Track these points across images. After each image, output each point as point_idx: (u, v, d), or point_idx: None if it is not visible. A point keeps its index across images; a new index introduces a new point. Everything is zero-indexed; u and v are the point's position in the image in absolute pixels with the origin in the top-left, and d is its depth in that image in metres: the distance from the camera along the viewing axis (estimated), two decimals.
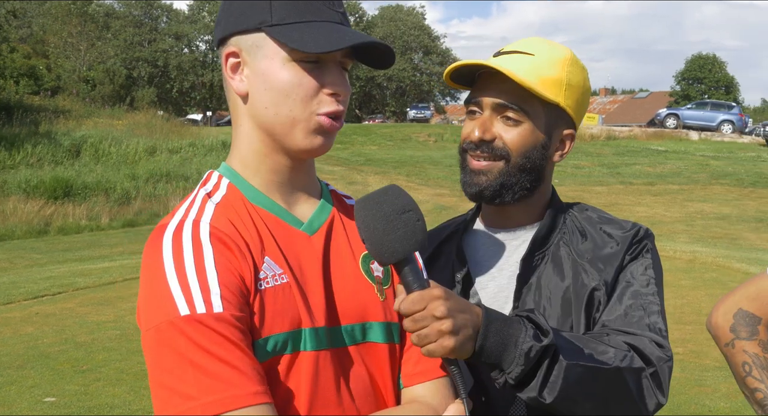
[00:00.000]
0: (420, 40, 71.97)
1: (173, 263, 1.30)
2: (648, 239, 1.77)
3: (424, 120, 55.29)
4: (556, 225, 1.79)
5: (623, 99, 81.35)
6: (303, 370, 1.35)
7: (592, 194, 26.34)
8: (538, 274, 1.73)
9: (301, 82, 1.38)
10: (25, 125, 30.51)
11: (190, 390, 1.21)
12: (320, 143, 1.43)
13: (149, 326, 1.28)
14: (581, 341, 1.52)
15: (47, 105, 35.79)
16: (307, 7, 1.40)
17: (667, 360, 1.57)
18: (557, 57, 1.75)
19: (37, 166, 25.63)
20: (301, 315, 1.36)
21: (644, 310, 1.64)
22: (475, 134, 1.72)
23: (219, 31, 1.47)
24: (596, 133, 41.03)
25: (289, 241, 1.43)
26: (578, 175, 29.93)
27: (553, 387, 1.42)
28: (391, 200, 1.39)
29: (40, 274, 13.15)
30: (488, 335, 1.39)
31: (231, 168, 1.49)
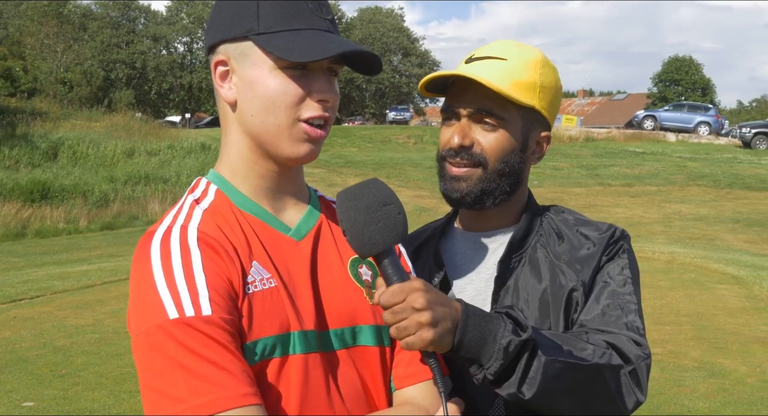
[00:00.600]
0: (399, 41, 72.11)
1: (162, 268, 1.30)
2: (624, 240, 1.78)
3: (403, 122, 55.42)
4: (533, 228, 1.80)
5: (601, 101, 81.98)
6: (293, 373, 1.35)
7: (571, 195, 26.48)
8: (515, 276, 1.74)
9: (287, 89, 1.39)
10: (2, 127, 30.27)
11: (180, 393, 1.21)
12: (306, 151, 1.44)
13: (139, 331, 1.28)
14: (560, 338, 1.53)
15: (24, 107, 35.50)
16: (294, 15, 1.40)
17: (645, 358, 1.58)
18: (529, 60, 1.76)
19: (14, 168, 25.43)
20: (290, 319, 1.37)
21: (622, 309, 1.65)
22: (454, 141, 1.72)
23: (208, 38, 1.47)
24: (574, 134, 41.31)
25: (276, 246, 1.44)
26: (557, 176, 30.09)
27: (532, 383, 1.43)
28: (372, 193, 1.40)
29: (17, 277, 13.03)
30: (467, 329, 1.40)
31: (219, 175, 1.50)
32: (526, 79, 1.73)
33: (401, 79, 72.21)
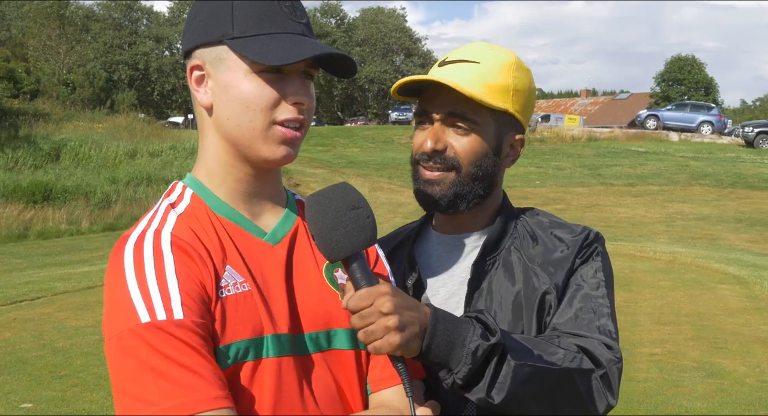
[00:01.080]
0: (401, 42, 72.14)
1: (134, 272, 1.31)
2: (598, 243, 1.77)
3: (406, 122, 55.29)
4: (507, 230, 1.80)
5: (604, 101, 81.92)
6: (266, 377, 1.35)
7: (574, 195, 26.48)
8: (489, 279, 1.74)
9: (262, 93, 1.39)
10: (4, 128, 30.32)
11: (151, 396, 1.22)
12: (283, 153, 1.44)
13: (111, 335, 1.29)
14: (531, 342, 1.53)
15: (27, 108, 35.56)
16: (268, 20, 1.41)
17: (616, 362, 1.58)
18: (502, 63, 1.75)
19: (17, 170, 25.46)
20: (264, 323, 1.37)
21: (594, 313, 1.65)
22: (427, 145, 1.72)
23: (185, 43, 1.48)
24: (577, 134, 41.29)
25: (251, 251, 1.44)
26: (559, 176, 30.08)
27: (502, 388, 1.43)
28: (340, 197, 1.40)
29: (19, 279, 13.05)
30: (435, 334, 1.39)
31: (196, 179, 1.51)
32: (500, 83, 1.73)
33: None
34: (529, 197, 26.03)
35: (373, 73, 69.97)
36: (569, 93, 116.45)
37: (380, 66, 70.29)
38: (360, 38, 73.07)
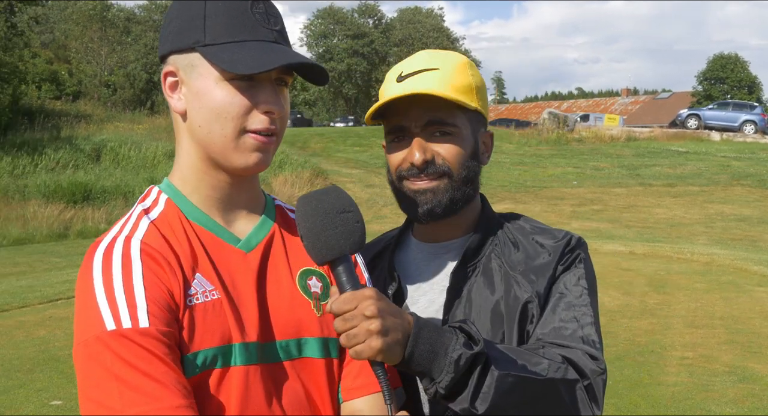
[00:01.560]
0: (439, 42, 71.90)
1: (102, 280, 1.32)
2: (580, 249, 1.75)
3: None
4: (487, 237, 1.79)
5: (645, 100, 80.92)
6: (233, 385, 1.36)
7: (611, 195, 26.20)
8: (468, 287, 1.72)
9: (233, 101, 1.40)
10: (47, 129, 30.89)
11: (114, 404, 1.23)
12: (255, 160, 1.44)
13: (79, 341, 1.30)
14: (515, 352, 1.51)
15: (69, 110, 36.21)
16: (241, 27, 1.41)
17: (600, 373, 1.56)
18: (458, 64, 1.76)
19: (58, 170, 25.90)
20: (232, 331, 1.38)
21: (578, 322, 1.63)
22: (415, 158, 1.70)
23: (160, 48, 1.49)
24: (616, 134, 40.74)
25: (223, 258, 1.45)
26: (597, 176, 29.76)
27: (485, 398, 1.41)
28: (331, 199, 1.41)
29: (57, 278, 13.27)
30: (418, 342, 1.38)
31: (171, 184, 1.51)
32: (463, 83, 1.73)
33: None
34: (565, 198, 25.83)
35: None
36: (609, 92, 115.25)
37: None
38: (397, 39, 73.02)
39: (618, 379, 7.11)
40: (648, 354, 8.14)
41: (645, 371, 7.46)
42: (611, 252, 16.42)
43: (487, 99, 1.85)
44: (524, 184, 28.64)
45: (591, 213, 23.47)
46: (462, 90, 1.72)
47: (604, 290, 11.87)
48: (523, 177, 30.07)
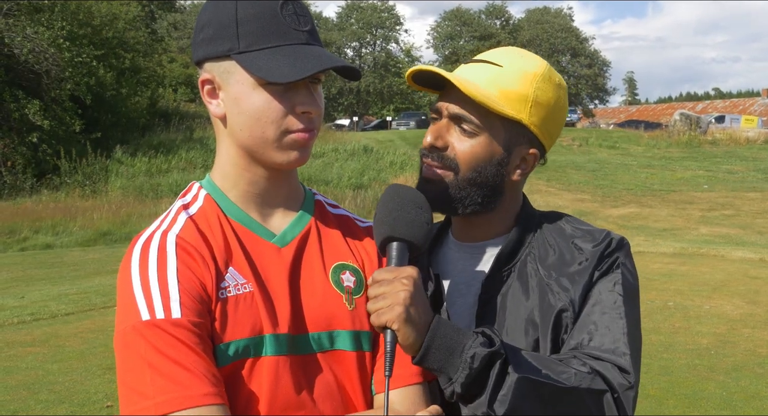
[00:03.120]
0: (567, 42, 70.68)
1: (139, 272, 1.40)
2: (619, 252, 1.66)
3: (570, 124, 54.19)
4: (524, 239, 1.72)
5: None
6: (264, 374, 1.41)
7: (745, 200, 25.02)
8: (503, 293, 1.67)
9: (271, 106, 1.44)
10: (181, 131, 32.29)
11: (146, 389, 1.29)
12: (296, 157, 1.50)
13: (118, 329, 1.38)
14: (539, 360, 1.47)
15: (202, 112, 37.65)
16: (272, 32, 1.45)
17: (629, 387, 1.50)
18: (527, 71, 1.66)
19: (188, 170, 27.05)
20: (263, 322, 1.43)
21: (610, 331, 1.56)
22: (427, 140, 1.68)
23: (194, 55, 1.55)
24: (753, 136, 38.89)
25: (258, 253, 1.50)
26: (730, 180, 28.51)
27: (504, 401, 1.38)
28: (415, 194, 1.54)
29: None
30: (436, 336, 1.39)
31: (212, 181, 1.58)
32: (518, 90, 1.64)
33: (569, 80, 70.65)
34: (694, 202, 24.87)
35: None
36: (749, 92, 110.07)
37: None
38: (525, 39, 72.21)
39: (733, 390, 6.82)
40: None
41: (764, 383, 7.10)
42: (740, 259, 15.73)
43: (555, 119, 1.72)
44: (651, 187, 27.76)
45: (721, 218, 22.48)
46: (511, 96, 1.64)
47: (728, 298, 11.39)
48: (651, 180, 29.15)
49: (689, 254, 16.64)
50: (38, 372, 7.37)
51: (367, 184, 26.90)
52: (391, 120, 52.94)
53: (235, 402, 1.38)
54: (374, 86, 65.94)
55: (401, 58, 73.99)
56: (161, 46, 41.54)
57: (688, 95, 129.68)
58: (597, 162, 33.31)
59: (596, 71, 71.51)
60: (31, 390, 6.80)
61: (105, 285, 12.41)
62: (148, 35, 37.79)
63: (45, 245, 18.62)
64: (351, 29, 68.99)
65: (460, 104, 1.64)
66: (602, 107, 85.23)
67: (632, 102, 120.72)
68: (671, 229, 21.05)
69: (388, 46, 73.82)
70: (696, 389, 6.89)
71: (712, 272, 14.05)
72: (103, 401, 6.48)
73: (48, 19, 27.26)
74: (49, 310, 10.39)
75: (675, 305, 10.88)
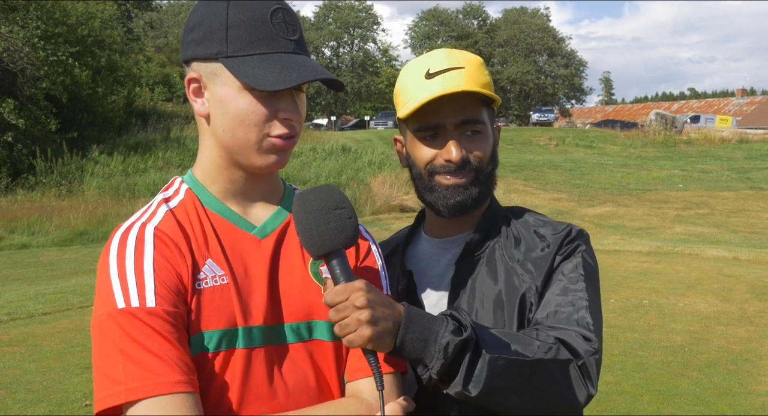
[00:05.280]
0: (544, 42, 70.98)
1: (116, 262, 1.44)
2: (580, 239, 1.80)
3: (547, 124, 54.45)
4: (492, 229, 1.84)
5: (761, 100, 77.74)
6: (236, 366, 1.46)
7: (719, 199, 25.32)
8: (473, 277, 1.79)
9: (255, 109, 1.49)
10: (159, 130, 32.11)
11: (118, 376, 1.33)
12: (274, 161, 1.54)
13: (94, 316, 1.42)
14: (508, 336, 1.56)
15: (179, 111, 37.51)
16: (261, 39, 1.49)
17: (593, 353, 1.60)
18: (477, 63, 1.83)
19: (165, 169, 26.94)
20: (237, 315, 1.47)
21: (573, 306, 1.67)
22: (454, 155, 1.76)
23: (183, 52, 1.58)
24: (727, 136, 39.32)
25: (236, 244, 1.55)
26: (704, 179, 28.83)
27: (478, 381, 1.46)
28: (323, 197, 1.49)
29: None
30: (408, 330, 1.45)
31: (193, 176, 1.62)
32: (485, 80, 1.81)
33: (546, 80, 71.04)
34: (670, 201, 25.12)
35: (515, 74, 69.28)
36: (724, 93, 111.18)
37: (522, 67, 69.51)
38: (502, 39, 72.51)
39: (707, 387, 6.93)
40: (741, 362, 7.87)
41: (736, 380, 7.22)
42: (714, 258, 15.92)
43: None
44: (627, 186, 28.00)
45: (696, 217, 22.74)
46: (486, 87, 1.80)
47: (702, 296, 11.54)
48: (626, 179, 29.40)
49: (664, 252, 16.82)
50: (16, 372, 7.35)
51: (345, 183, 26.92)
52: (369, 119, 52.95)
53: (207, 392, 1.42)
54: (352, 86, 65.91)
55: (379, 58, 74.08)
56: (138, 46, 41.27)
57: (663, 95, 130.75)
58: (574, 162, 33.54)
59: (573, 71, 71.89)
60: (9, 389, 6.79)
61: (82, 285, 12.37)
62: (124, 34, 37.51)
63: (21, 245, 18.47)
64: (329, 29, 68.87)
65: (463, 111, 1.77)
66: (579, 107, 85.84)
67: (608, 102, 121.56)
68: (647, 228, 21.25)
69: (365, 45, 73.88)
70: (670, 385, 7.00)
71: (687, 270, 14.21)
72: (82, 400, 6.48)
73: (23, 18, 27.03)
74: (26, 310, 10.34)
75: (650, 303, 11.01)
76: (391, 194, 24.68)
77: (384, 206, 24.24)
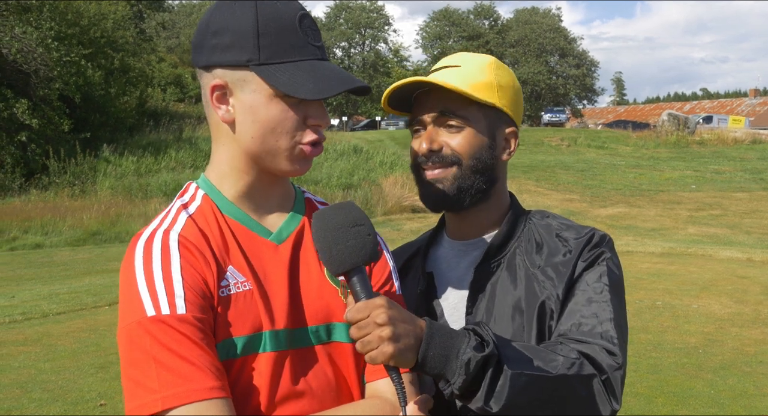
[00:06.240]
0: (556, 42, 70.81)
1: (143, 269, 1.43)
2: (604, 246, 1.76)
3: (558, 124, 54.30)
4: (513, 233, 1.82)
5: None
6: (262, 371, 1.46)
7: (732, 200, 25.19)
8: (492, 282, 1.76)
9: (287, 116, 1.48)
10: (171, 131, 32.21)
11: (152, 384, 1.32)
12: (303, 168, 1.55)
13: (122, 325, 1.41)
14: (530, 350, 1.54)
15: (191, 112, 37.61)
16: (292, 46, 1.49)
17: (617, 368, 1.58)
18: (482, 63, 1.83)
19: (178, 170, 27.00)
20: (262, 319, 1.47)
21: (597, 318, 1.65)
22: (423, 147, 1.78)
23: (202, 56, 1.54)
24: (740, 136, 39.10)
25: (256, 250, 1.55)
26: (718, 180, 28.68)
27: (499, 397, 1.45)
28: (343, 214, 1.47)
29: None
30: (430, 346, 1.44)
31: (208, 180, 1.61)
32: (483, 80, 1.80)
33: (557, 80, 70.86)
34: (682, 202, 25.01)
35: (526, 74, 69.13)
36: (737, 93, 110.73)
37: (534, 67, 69.38)
38: (513, 39, 72.40)
39: (721, 389, 6.90)
40: (756, 364, 7.83)
41: (751, 382, 7.19)
42: (727, 259, 15.84)
43: (518, 98, 1.89)
44: (639, 187, 27.90)
45: (709, 218, 22.63)
46: (480, 86, 1.78)
47: (716, 297, 11.48)
48: (639, 180, 29.30)
49: (677, 253, 16.75)
50: (31, 371, 7.39)
51: (356, 184, 26.92)
52: (381, 120, 52.94)
53: (235, 396, 1.42)
54: None
55: (390, 58, 74.04)
56: (150, 46, 41.40)
57: (676, 95, 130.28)
58: (585, 162, 33.45)
59: (584, 71, 71.70)
60: (24, 388, 6.83)
61: (95, 285, 12.43)
62: (136, 35, 37.65)
63: (34, 245, 18.57)
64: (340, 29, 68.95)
65: (441, 104, 1.78)
66: (590, 107, 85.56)
67: (620, 102, 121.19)
68: (659, 229, 21.16)
69: (377, 46, 73.91)
70: (684, 387, 6.97)
71: (700, 271, 14.15)
72: (96, 400, 6.51)
73: (36, 19, 27.16)
74: (41, 309, 10.40)
75: (663, 304, 10.97)
76: (402, 195, 24.64)
77: (395, 206, 24.21)
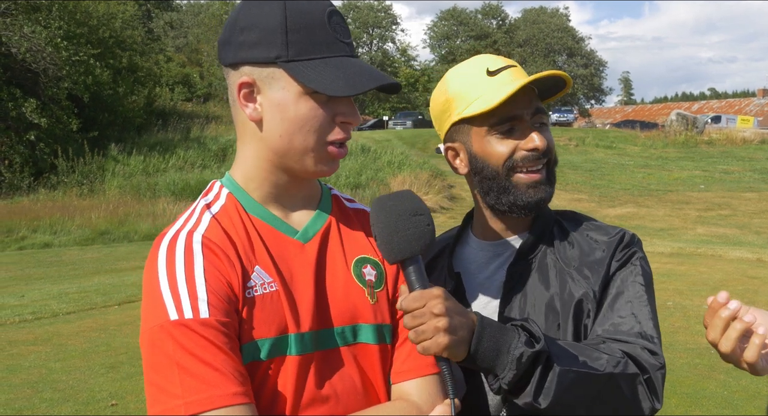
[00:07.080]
0: (563, 42, 70.67)
1: (166, 272, 1.40)
2: (635, 246, 1.78)
3: (566, 124, 54.20)
4: (543, 233, 1.81)
5: None
6: (288, 373, 1.43)
7: (741, 200, 25.09)
8: (524, 282, 1.76)
9: (316, 114, 1.46)
10: (179, 130, 32.26)
11: (175, 389, 1.30)
12: (329, 169, 1.52)
13: (145, 328, 1.38)
14: (576, 348, 1.54)
15: (199, 111, 37.68)
16: (321, 42, 1.46)
17: (659, 368, 1.59)
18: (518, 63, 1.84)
19: (186, 169, 27.03)
20: (288, 322, 1.44)
21: (635, 317, 1.66)
22: (536, 143, 1.72)
23: (230, 54, 1.49)
24: (749, 136, 38.97)
25: (282, 250, 1.52)
26: (726, 180, 28.59)
27: (548, 393, 1.46)
28: (404, 202, 1.47)
29: None
30: (482, 339, 1.44)
31: (233, 179, 1.58)
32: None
33: None
34: (691, 202, 24.94)
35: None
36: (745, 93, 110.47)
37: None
38: (521, 39, 72.27)
39: (734, 389, 6.86)
40: None
41: (764, 382, 7.14)
42: (737, 259, 15.78)
43: None
44: (648, 187, 27.84)
45: (718, 218, 22.55)
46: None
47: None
48: (647, 180, 29.23)
49: (687, 254, 16.69)
50: (41, 371, 7.39)
51: (365, 183, 26.90)
52: (388, 119, 52.94)
53: (259, 400, 1.40)
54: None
55: (397, 58, 74.02)
56: (158, 46, 41.49)
57: (684, 95, 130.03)
58: (594, 162, 33.38)
59: (592, 71, 71.50)
60: (35, 388, 6.83)
61: (104, 284, 12.44)
62: (144, 34, 37.73)
63: (43, 244, 18.60)
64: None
65: (535, 102, 1.77)
66: (598, 107, 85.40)
67: (628, 102, 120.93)
68: (668, 229, 21.10)
69: (384, 45, 73.94)
70: (697, 388, 6.93)
71: (711, 272, 14.10)
72: (108, 399, 6.50)
73: (45, 18, 27.22)
74: (50, 309, 10.41)
75: (674, 304, 10.93)
76: None
77: None
